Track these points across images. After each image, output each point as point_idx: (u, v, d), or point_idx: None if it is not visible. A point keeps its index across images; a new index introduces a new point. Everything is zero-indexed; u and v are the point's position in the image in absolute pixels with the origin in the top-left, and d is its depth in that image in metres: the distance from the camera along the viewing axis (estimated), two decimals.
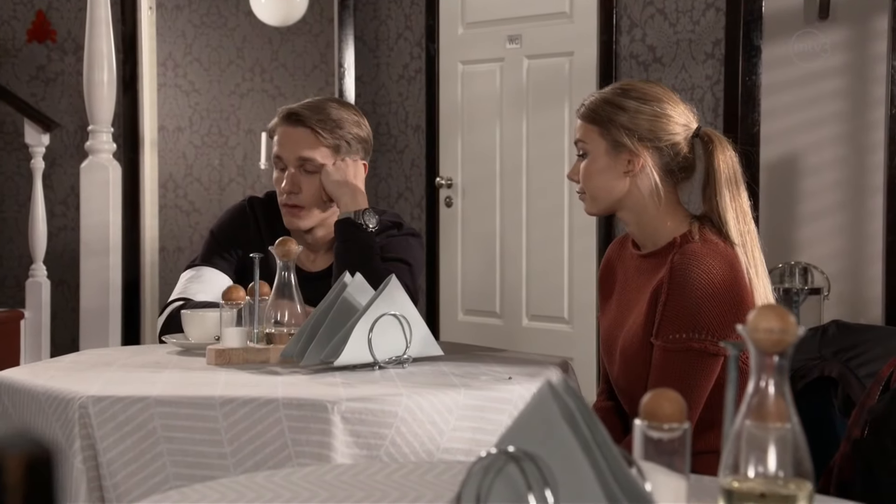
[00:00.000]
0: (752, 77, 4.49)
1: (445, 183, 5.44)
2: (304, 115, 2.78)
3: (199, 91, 7.56)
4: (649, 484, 1.17)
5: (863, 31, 4.32)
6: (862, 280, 4.35)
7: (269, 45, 7.83)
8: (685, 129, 2.39)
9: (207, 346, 2.37)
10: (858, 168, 4.35)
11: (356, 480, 1.50)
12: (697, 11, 4.65)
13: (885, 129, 4.27)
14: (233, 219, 2.91)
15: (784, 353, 1.19)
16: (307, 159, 2.78)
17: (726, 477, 1.21)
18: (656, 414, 1.24)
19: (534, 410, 1.15)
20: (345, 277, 2.38)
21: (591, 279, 4.96)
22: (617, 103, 2.38)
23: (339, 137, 2.79)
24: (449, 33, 5.46)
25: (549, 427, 1.13)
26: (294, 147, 2.78)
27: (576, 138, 2.45)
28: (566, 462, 1.11)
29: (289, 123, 2.80)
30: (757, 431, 1.20)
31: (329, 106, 2.82)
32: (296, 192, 2.78)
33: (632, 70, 4.83)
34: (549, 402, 1.13)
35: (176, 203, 7.44)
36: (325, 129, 2.77)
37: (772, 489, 1.19)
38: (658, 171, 2.37)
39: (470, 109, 5.39)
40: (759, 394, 1.21)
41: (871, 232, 4.33)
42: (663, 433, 1.24)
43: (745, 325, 1.20)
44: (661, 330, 2.29)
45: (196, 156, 7.55)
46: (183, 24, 7.51)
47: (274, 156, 2.83)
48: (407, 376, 2.21)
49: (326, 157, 2.79)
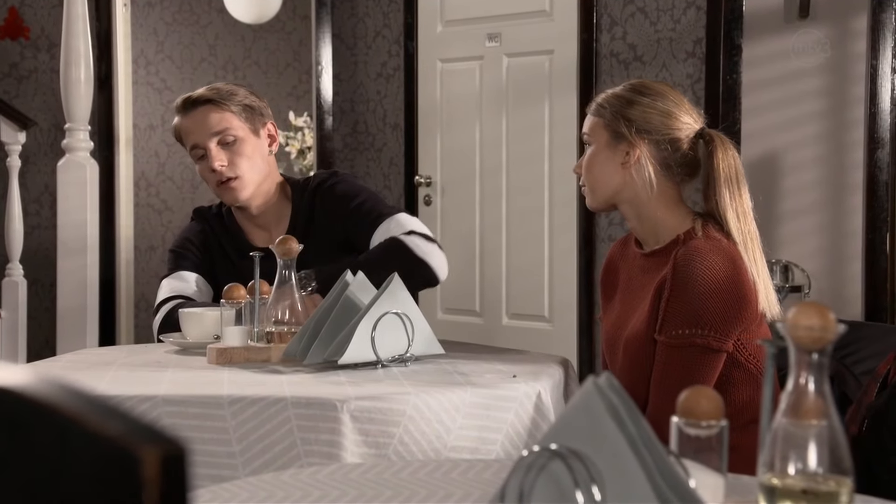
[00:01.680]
0: (732, 75, 4.51)
1: (424, 181, 5.43)
2: (196, 96, 2.85)
3: (171, 89, 7.52)
4: (693, 481, 1.17)
5: (842, 30, 4.36)
6: (842, 278, 4.38)
7: (242, 43, 7.80)
8: (687, 127, 2.41)
9: (208, 346, 2.35)
10: (838, 166, 4.38)
11: (381, 479, 1.49)
12: (678, 10, 4.67)
13: (865, 127, 4.31)
14: (185, 231, 2.99)
15: (824, 351, 1.20)
16: (220, 131, 2.83)
17: (765, 474, 1.22)
18: (694, 411, 1.24)
19: (578, 407, 1.15)
20: (346, 276, 2.37)
21: (572, 277, 4.97)
22: (623, 97, 2.42)
23: (239, 103, 2.85)
24: (428, 31, 5.45)
25: (594, 424, 1.13)
26: (202, 126, 2.83)
27: (583, 132, 2.49)
28: (613, 459, 1.11)
29: (189, 109, 2.85)
30: (796, 429, 1.21)
31: (219, 84, 2.92)
32: (225, 165, 2.82)
33: (612, 69, 4.84)
34: (595, 399, 1.13)
35: (148, 202, 7.40)
36: (221, 96, 2.84)
37: (813, 486, 1.20)
38: (654, 165, 2.39)
39: (449, 108, 5.39)
40: (798, 391, 1.21)
41: (851, 230, 4.36)
42: (701, 430, 1.24)
43: (785, 323, 1.20)
44: (665, 326, 2.30)
45: (168, 154, 7.50)
46: (155, 22, 7.47)
47: (190, 148, 2.87)
48: (411, 375, 2.21)
49: (235, 124, 2.84)
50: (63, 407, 0.66)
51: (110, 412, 0.66)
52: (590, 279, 4.92)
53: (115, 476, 0.63)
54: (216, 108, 2.83)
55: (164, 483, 0.62)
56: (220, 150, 2.83)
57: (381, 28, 5.65)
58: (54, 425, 0.66)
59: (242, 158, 2.84)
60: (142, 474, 0.62)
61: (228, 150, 2.83)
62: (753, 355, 2.35)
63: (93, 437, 0.64)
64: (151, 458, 0.62)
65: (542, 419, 2.14)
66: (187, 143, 2.87)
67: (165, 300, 2.79)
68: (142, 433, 0.64)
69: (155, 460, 0.62)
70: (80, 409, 0.65)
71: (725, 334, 2.29)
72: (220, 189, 2.85)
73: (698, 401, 1.24)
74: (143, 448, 0.62)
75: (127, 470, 0.62)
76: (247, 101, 2.87)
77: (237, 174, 2.83)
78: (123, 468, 0.62)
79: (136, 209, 7.16)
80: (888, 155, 4.28)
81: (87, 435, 0.65)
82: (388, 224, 2.79)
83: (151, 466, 0.62)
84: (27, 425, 0.68)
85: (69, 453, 0.66)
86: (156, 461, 0.62)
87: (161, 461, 0.62)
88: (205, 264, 2.89)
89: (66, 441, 0.66)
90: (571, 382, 2.41)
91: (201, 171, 2.88)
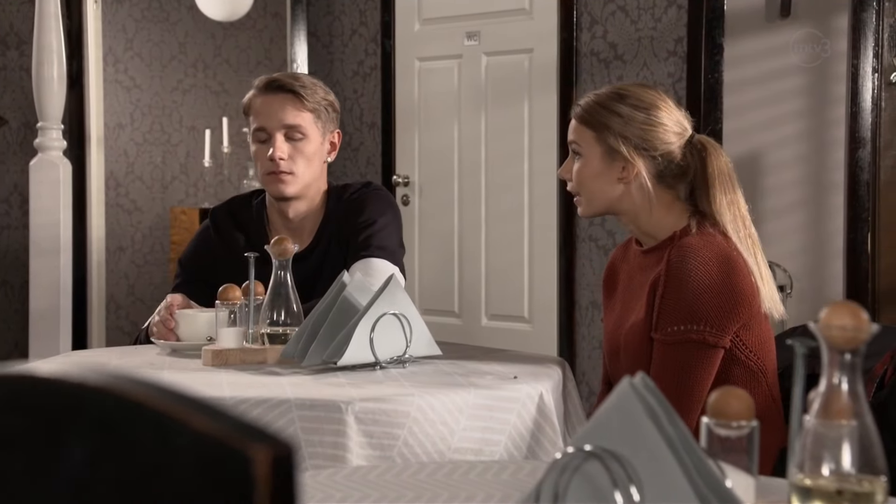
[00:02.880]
0: (714, 75, 4.54)
1: (402, 181, 5.43)
2: (285, 82, 2.84)
3: (140, 87, 7.47)
4: (729, 481, 1.18)
5: (823, 29, 4.39)
6: (824, 277, 4.41)
7: (212, 41, 7.76)
8: (679, 137, 2.42)
9: (203, 347, 2.34)
10: (820, 165, 4.41)
11: (382, 480, 1.49)
12: (659, 9, 4.68)
13: (846, 126, 4.34)
14: (195, 243, 2.97)
15: (857, 351, 1.21)
16: (292, 125, 2.83)
17: (796, 475, 1.22)
18: (724, 411, 1.25)
19: (614, 408, 1.16)
20: (343, 277, 2.37)
21: (552, 278, 4.98)
22: (612, 108, 2.40)
23: (317, 102, 2.85)
24: (405, 29, 5.45)
25: (631, 425, 1.13)
26: (279, 113, 2.82)
27: (570, 138, 2.47)
28: (651, 460, 1.11)
29: (269, 91, 2.84)
30: (828, 429, 1.21)
31: (302, 75, 2.93)
32: (284, 159, 2.81)
33: (593, 68, 4.85)
34: (633, 400, 1.13)
35: (117, 202, 7.35)
36: (305, 92, 2.83)
37: (847, 486, 1.20)
38: (651, 179, 2.40)
39: (427, 107, 5.39)
40: (831, 391, 1.22)
41: (832, 229, 4.40)
42: (731, 431, 1.25)
43: (818, 322, 1.21)
44: (660, 323, 2.31)
45: (138, 153, 7.46)
46: (123, 19, 7.42)
47: (256, 128, 2.85)
48: (411, 376, 2.21)
49: (309, 122, 2.84)
50: (162, 405, 0.65)
51: (211, 410, 0.66)
52: (570, 279, 4.93)
53: (225, 476, 0.63)
54: (296, 102, 2.83)
55: (275, 482, 0.62)
56: (285, 142, 2.83)
57: (357, 26, 5.64)
58: (154, 424, 0.66)
59: (303, 157, 2.83)
60: (253, 474, 0.62)
61: (292, 145, 2.83)
62: (753, 352, 2.37)
63: (197, 436, 0.64)
64: (262, 458, 0.62)
65: (544, 420, 2.15)
66: (254, 123, 2.86)
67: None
68: (249, 432, 0.63)
69: (266, 459, 0.62)
70: (180, 408, 0.65)
71: (722, 329, 2.30)
72: (269, 177, 2.84)
73: (728, 401, 1.25)
74: (253, 447, 0.62)
75: (237, 469, 0.62)
76: (325, 103, 2.87)
77: (293, 170, 2.82)
78: (233, 468, 0.62)
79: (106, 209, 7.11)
80: (869, 154, 4.31)
81: (191, 434, 0.64)
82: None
83: (263, 466, 0.62)
84: (123, 425, 0.67)
85: (171, 452, 0.65)
86: (267, 460, 0.62)
87: (272, 460, 0.62)
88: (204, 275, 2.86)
89: (167, 440, 0.65)
90: (568, 383, 2.41)
91: (256, 153, 2.86)
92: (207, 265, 2.87)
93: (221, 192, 7.66)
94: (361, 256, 2.76)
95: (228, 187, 7.68)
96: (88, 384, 0.66)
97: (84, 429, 0.67)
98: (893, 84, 4.34)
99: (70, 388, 0.67)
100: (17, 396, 0.69)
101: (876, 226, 4.35)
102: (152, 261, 7.50)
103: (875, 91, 4.30)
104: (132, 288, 7.35)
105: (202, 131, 7.64)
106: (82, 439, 0.67)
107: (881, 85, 4.31)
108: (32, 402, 0.69)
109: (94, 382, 0.66)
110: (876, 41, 4.29)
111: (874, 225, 4.35)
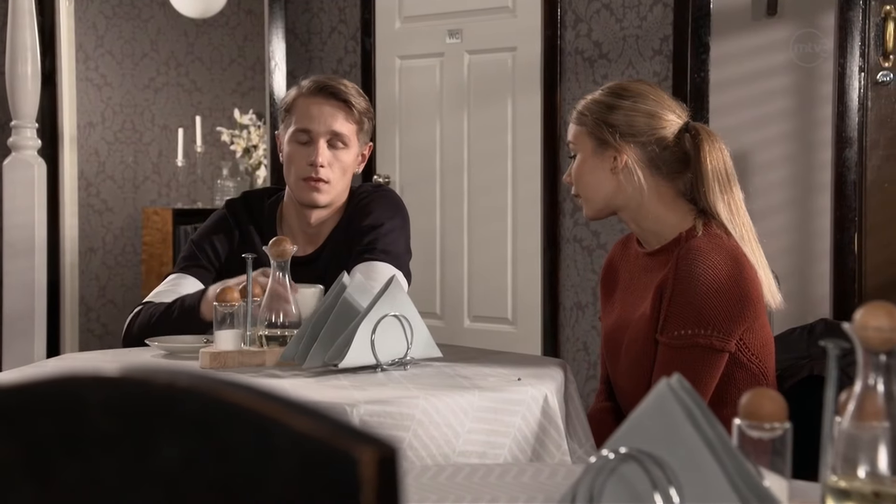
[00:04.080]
0: (700, 74, 4.56)
1: (383, 180, 5.42)
2: (338, 90, 2.83)
3: (111, 85, 7.45)
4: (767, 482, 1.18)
5: (810, 28, 4.41)
6: (810, 278, 4.44)
7: (185, 38, 7.74)
8: (672, 124, 2.44)
9: (200, 350, 2.33)
10: (806, 166, 4.44)
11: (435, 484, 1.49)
12: (645, 7, 4.70)
13: (833, 126, 4.37)
14: (212, 227, 2.93)
15: (892, 352, 1.22)
16: (339, 134, 2.82)
17: (830, 477, 1.23)
18: (757, 413, 1.25)
19: (652, 410, 1.16)
20: (343, 278, 2.37)
21: (536, 279, 4.99)
22: (600, 100, 2.45)
23: (363, 113, 2.86)
24: (385, 27, 5.44)
25: (670, 427, 1.14)
26: (328, 119, 2.82)
27: (567, 140, 2.51)
28: (691, 462, 1.12)
29: (322, 96, 2.83)
30: (863, 431, 1.22)
31: (346, 81, 2.90)
32: (324, 166, 2.81)
33: (577, 66, 4.86)
34: (671, 403, 1.14)
35: (89, 202, 7.31)
36: (355, 101, 2.84)
37: (883, 489, 1.21)
38: (643, 167, 2.42)
39: (408, 106, 5.38)
40: (865, 392, 1.23)
41: (818, 230, 4.42)
42: (764, 432, 1.25)
43: (853, 323, 1.22)
44: (667, 326, 2.32)
45: (109, 153, 7.43)
46: (94, 15, 7.39)
47: (298, 129, 2.83)
48: (413, 378, 2.21)
49: (353, 133, 2.85)
50: (259, 406, 0.65)
51: (308, 410, 0.65)
52: (554, 281, 4.94)
53: (330, 477, 0.63)
54: (346, 111, 2.83)
55: (381, 483, 0.62)
56: (327, 149, 2.82)
57: (336, 24, 5.63)
58: (252, 425, 0.65)
59: (341, 167, 2.83)
60: (360, 475, 0.62)
61: (333, 153, 2.82)
62: (756, 355, 2.38)
63: (299, 437, 0.64)
64: (369, 459, 0.62)
65: (549, 423, 2.15)
66: (296, 123, 2.84)
67: (144, 304, 2.76)
68: (353, 432, 0.63)
69: (372, 460, 0.62)
70: (278, 408, 0.65)
71: (728, 334, 2.31)
72: (304, 183, 2.82)
73: (762, 402, 1.25)
74: (359, 448, 0.62)
75: (343, 470, 0.62)
76: (368, 114, 2.88)
77: (329, 179, 2.82)
78: (339, 469, 0.62)
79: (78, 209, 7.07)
80: (856, 154, 4.34)
81: (292, 435, 0.64)
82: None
83: (369, 467, 0.62)
84: (219, 426, 0.67)
85: (272, 454, 0.65)
86: (373, 461, 0.62)
87: (378, 461, 0.62)
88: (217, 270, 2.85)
89: (267, 441, 0.65)
90: (569, 385, 2.42)
91: (293, 154, 2.84)
92: (224, 255, 2.87)
93: (194, 192, 7.64)
94: (364, 259, 2.76)
95: (202, 187, 7.66)
96: (178, 385, 0.66)
97: (176, 430, 0.67)
98: (880, 83, 4.37)
99: (159, 389, 0.67)
100: (108, 398, 0.69)
101: (863, 226, 4.38)
102: (123, 262, 7.47)
103: (861, 90, 4.33)
104: (103, 290, 7.32)
105: (175, 130, 7.62)
106: (174, 441, 0.67)
107: (868, 84, 4.35)
108: (123, 403, 0.69)
109: (184, 383, 0.66)
110: (862, 40, 4.32)
111: (861, 225, 4.38)
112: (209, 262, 2.87)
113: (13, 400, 0.70)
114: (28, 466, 0.70)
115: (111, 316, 7.30)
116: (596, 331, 4.82)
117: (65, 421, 0.68)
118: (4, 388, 0.71)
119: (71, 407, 0.68)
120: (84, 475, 0.69)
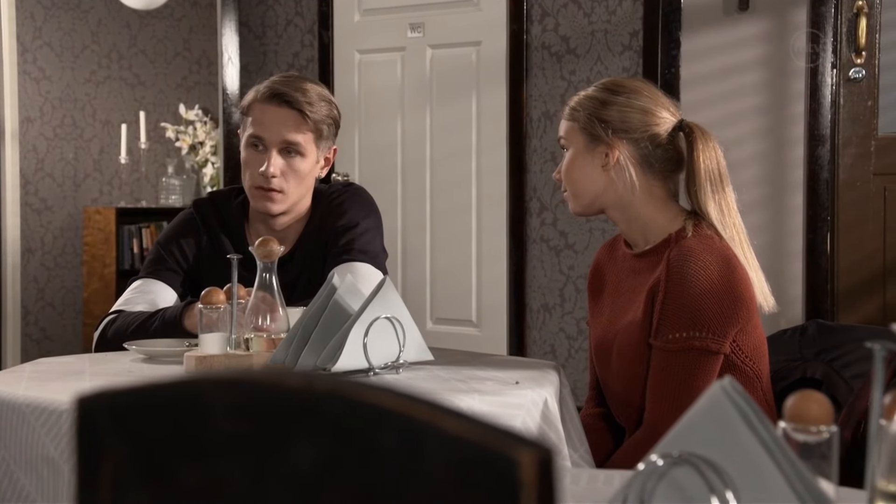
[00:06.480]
0: (671, 70, 4.60)
1: (342, 178, 5.42)
2: (292, 97, 2.77)
3: (50, 79, 7.37)
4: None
5: (782, 24, 4.47)
6: (783, 278, 4.49)
7: (128, 30, 7.68)
8: (665, 121, 2.46)
9: (185, 353, 2.32)
10: (779, 164, 4.49)
11: None
12: (614, 1, 4.74)
13: (805, 123, 4.42)
14: (179, 229, 2.91)
15: None
16: (292, 143, 2.78)
17: (881, 480, 1.25)
18: (804, 416, 1.27)
19: (705, 413, 1.18)
20: (333, 280, 2.36)
21: (502, 280, 5.00)
22: (597, 97, 2.47)
23: (321, 121, 2.81)
24: (344, 20, 5.43)
25: (725, 430, 1.15)
26: (280, 129, 2.78)
27: (558, 136, 2.53)
28: (748, 465, 1.14)
29: (274, 103, 2.79)
30: None
31: (309, 86, 2.83)
32: (277, 176, 2.78)
33: (544, 61, 4.89)
34: (726, 405, 1.15)
35: (27, 200, 7.23)
36: (310, 109, 2.78)
37: None
38: (634, 164, 2.44)
39: (368, 101, 5.38)
40: None
41: (791, 229, 4.48)
42: (810, 436, 1.27)
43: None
44: (661, 330, 2.34)
45: (48, 149, 7.35)
46: (32, 6, 7.30)
47: (252, 135, 2.81)
48: (408, 382, 2.21)
49: (309, 142, 2.80)
50: (405, 408, 0.65)
51: (455, 412, 0.66)
52: (520, 282, 4.96)
53: (488, 479, 0.63)
54: (300, 120, 2.78)
55: (541, 486, 0.63)
56: (280, 157, 2.78)
57: (292, 16, 5.61)
58: (399, 428, 0.66)
59: (296, 176, 2.79)
60: (520, 477, 0.62)
61: (287, 161, 2.79)
62: (749, 357, 2.41)
63: (452, 440, 0.65)
64: (528, 461, 0.62)
65: (548, 427, 2.16)
66: (250, 128, 2.80)
67: (118, 312, 2.74)
68: (508, 434, 0.64)
69: (532, 463, 0.62)
70: (426, 410, 0.65)
71: (723, 335, 2.34)
72: (257, 192, 2.80)
73: (808, 405, 1.27)
74: (518, 450, 0.63)
75: (503, 473, 0.62)
76: (328, 120, 2.83)
77: (283, 189, 2.79)
78: (498, 471, 0.62)
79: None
80: (828, 152, 4.40)
81: (442, 437, 0.65)
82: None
83: (529, 469, 0.62)
84: (364, 429, 0.67)
85: (421, 456, 0.66)
86: (533, 463, 0.62)
87: (538, 463, 0.63)
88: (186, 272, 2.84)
89: (416, 444, 0.65)
90: (563, 389, 2.43)
91: (247, 159, 2.81)
92: (192, 258, 2.85)
93: (138, 190, 7.58)
94: (343, 260, 2.76)
95: (146, 185, 7.60)
96: (317, 388, 0.66)
97: (316, 433, 0.67)
98: (852, 80, 4.43)
99: (296, 391, 0.67)
100: (235, 401, 0.69)
101: (835, 225, 4.44)
102: (63, 263, 7.39)
103: (834, 87, 4.39)
104: (42, 292, 7.24)
105: (117, 126, 7.55)
106: (313, 443, 0.67)
107: (840, 81, 4.41)
108: (253, 406, 0.69)
109: (324, 386, 0.66)
110: (835, 36, 4.38)
111: (833, 224, 4.44)
112: (177, 264, 2.85)
113: (129, 402, 0.70)
114: (146, 470, 0.70)
115: (50, 320, 7.22)
116: (564, 333, 4.85)
117: (185, 424, 0.68)
118: (120, 390, 0.71)
119: (192, 410, 0.68)
120: (205, 479, 0.69)
